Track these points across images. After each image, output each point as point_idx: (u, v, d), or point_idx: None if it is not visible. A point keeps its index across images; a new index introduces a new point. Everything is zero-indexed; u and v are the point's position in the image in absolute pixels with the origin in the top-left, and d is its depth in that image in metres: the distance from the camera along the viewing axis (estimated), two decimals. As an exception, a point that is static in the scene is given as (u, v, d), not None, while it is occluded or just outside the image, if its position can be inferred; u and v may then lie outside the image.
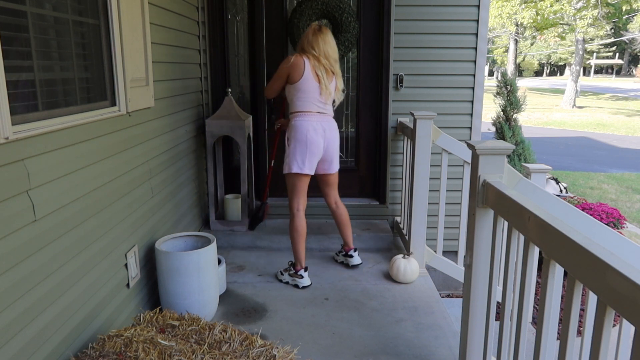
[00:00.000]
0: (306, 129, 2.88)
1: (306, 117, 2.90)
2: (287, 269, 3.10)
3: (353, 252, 3.27)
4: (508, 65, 26.66)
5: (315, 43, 2.87)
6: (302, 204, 3.00)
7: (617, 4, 18.53)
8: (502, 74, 6.10)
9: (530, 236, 1.49)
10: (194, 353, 1.69)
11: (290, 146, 2.93)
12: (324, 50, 2.88)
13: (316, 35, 2.88)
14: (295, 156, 2.90)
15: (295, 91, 2.89)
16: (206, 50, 3.71)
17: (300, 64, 2.85)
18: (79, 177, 1.86)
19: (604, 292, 1.08)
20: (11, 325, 1.45)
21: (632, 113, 19.60)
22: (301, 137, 2.88)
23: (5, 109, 1.40)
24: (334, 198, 3.20)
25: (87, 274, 1.92)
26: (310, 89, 2.87)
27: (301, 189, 2.97)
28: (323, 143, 2.93)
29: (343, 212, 3.21)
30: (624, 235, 2.19)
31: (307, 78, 2.86)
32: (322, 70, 2.87)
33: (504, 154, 1.81)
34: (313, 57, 2.87)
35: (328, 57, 2.90)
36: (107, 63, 2.12)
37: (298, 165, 2.90)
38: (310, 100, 2.89)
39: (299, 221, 2.99)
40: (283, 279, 3.08)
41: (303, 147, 2.88)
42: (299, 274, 3.02)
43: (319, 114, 2.93)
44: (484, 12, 3.66)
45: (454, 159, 3.21)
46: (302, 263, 3.03)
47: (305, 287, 3.00)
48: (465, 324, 1.97)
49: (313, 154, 2.90)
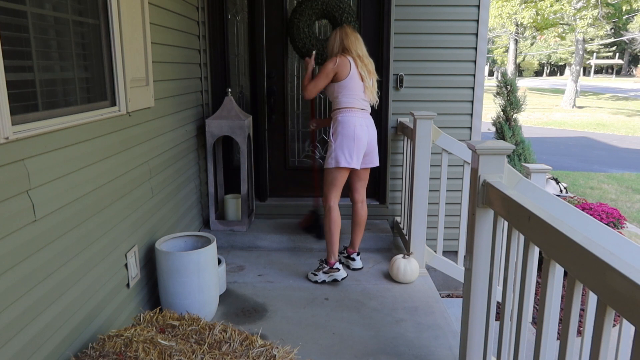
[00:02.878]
0: (353, 124, 2.94)
1: (352, 113, 2.97)
2: (320, 267, 3.10)
3: (356, 256, 3.28)
4: (508, 65, 26.66)
5: (358, 44, 3.00)
6: (337, 197, 3.06)
7: (617, 4, 18.53)
8: (502, 74, 6.09)
9: (530, 236, 1.49)
10: (194, 353, 1.69)
11: (336, 141, 2.97)
12: (360, 51, 3.01)
13: (357, 37, 3.02)
14: (343, 150, 2.94)
15: (342, 89, 2.97)
16: (206, 50, 3.71)
17: (346, 63, 2.95)
18: (79, 177, 1.86)
19: (604, 292, 1.08)
20: (11, 325, 1.45)
21: (632, 113, 19.60)
22: (348, 131, 2.93)
23: (5, 109, 1.40)
24: (362, 196, 3.23)
25: (87, 274, 1.92)
26: (356, 86, 2.97)
27: (340, 183, 3.04)
28: (367, 140, 3.01)
29: (364, 214, 3.24)
30: (624, 235, 2.19)
31: (353, 76, 2.96)
32: (365, 70, 2.98)
33: (504, 154, 1.81)
34: (357, 58, 2.97)
35: (367, 58, 3.04)
36: (107, 63, 2.12)
37: (346, 160, 2.95)
38: (356, 98, 2.99)
39: (335, 213, 3.04)
40: (319, 279, 3.07)
41: (350, 142, 2.94)
42: (335, 268, 3.04)
43: (362, 111, 3.02)
44: (484, 12, 3.66)
45: (454, 159, 3.21)
46: (336, 255, 3.07)
47: (344, 278, 3.05)
48: (465, 324, 1.97)
49: (359, 148, 2.97)
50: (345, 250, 3.35)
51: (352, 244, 3.30)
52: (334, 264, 3.04)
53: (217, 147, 3.70)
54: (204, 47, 3.69)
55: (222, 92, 3.73)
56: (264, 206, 4.02)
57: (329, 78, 2.98)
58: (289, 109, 3.98)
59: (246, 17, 3.85)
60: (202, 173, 3.74)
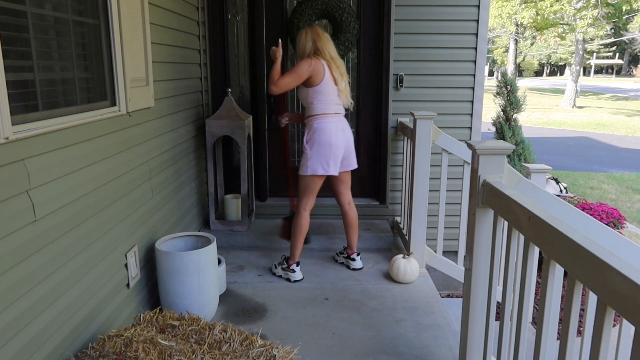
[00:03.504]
0: (329, 132, 2.91)
1: (328, 119, 2.93)
2: (281, 262, 3.19)
3: (356, 256, 3.28)
4: (508, 65, 26.66)
5: (330, 47, 2.95)
6: (310, 204, 3.06)
7: (617, 4, 18.53)
8: (502, 74, 6.10)
9: (530, 236, 1.49)
10: (194, 353, 1.69)
11: (312, 149, 2.93)
12: (333, 54, 2.95)
13: (327, 38, 2.95)
14: (320, 159, 2.92)
15: (316, 94, 2.92)
16: (206, 50, 3.71)
17: (320, 67, 2.89)
18: (79, 177, 1.86)
19: (604, 292, 1.08)
20: (11, 325, 1.45)
21: (632, 113, 19.60)
22: (324, 139, 2.90)
23: (5, 109, 1.40)
24: (348, 198, 3.21)
25: (87, 274, 1.92)
26: (330, 91, 2.93)
27: (314, 190, 3.03)
28: (344, 144, 2.99)
29: (354, 214, 3.23)
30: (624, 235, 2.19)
31: (327, 81, 2.91)
32: (338, 73, 2.95)
33: (504, 154, 1.81)
34: (330, 60, 2.92)
35: (339, 59, 2.99)
36: (107, 63, 2.12)
37: (323, 168, 2.94)
38: (330, 103, 2.95)
39: (303, 220, 3.06)
40: (277, 272, 3.18)
41: (327, 150, 2.91)
42: (291, 269, 3.11)
43: (337, 115, 2.99)
44: (484, 12, 3.66)
45: (454, 159, 3.21)
46: (296, 258, 3.12)
47: (297, 281, 3.10)
48: (465, 324, 1.97)
49: (336, 155, 2.95)
50: (344, 250, 3.35)
51: (350, 246, 3.30)
52: (292, 265, 3.11)
53: (217, 147, 3.70)
54: (204, 47, 3.69)
55: (222, 92, 3.73)
56: (264, 206, 4.02)
57: (301, 79, 2.90)
58: (289, 109, 3.98)
59: (246, 17, 3.85)
60: (202, 173, 3.74)
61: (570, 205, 2.11)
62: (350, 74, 3.92)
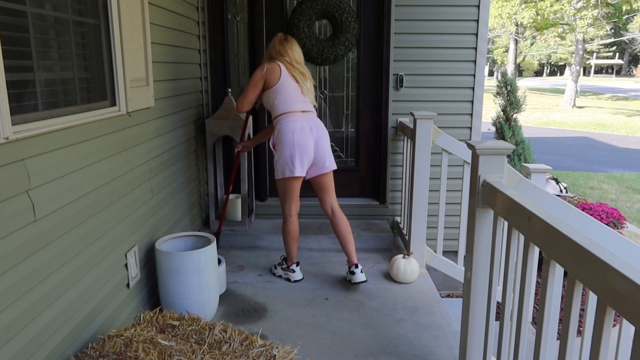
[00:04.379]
0: (292, 130, 2.79)
1: (291, 118, 2.82)
2: (280, 263, 3.19)
3: (355, 269, 2.97)
4: (508, 65, 26.66)
5: (284, 51, 2.87)
6: (294, 208, 2.98)
7: (617, 4, 18.53)
8: (502, 74, 6.10)
9: (530, 236, 1.49)
10: (194, 353, 1.69)
11: (277, 151, 2.85)
12: (293, 57, 2.88)
13: (283, 44, 2.89)
14: (286, 160, 2.82)
15: (276, 94, 2.83)
16: (206, 50, 3.71)
17: (275, 67, 2.83)
18: (79, 177, 1.86)
19: (604, 292, 1.08)
20: (11, 325, 1.45)
21: (632, 113, 19.60)
22: (287, 139, 2.79)
23: (5, 109, 1.40)
24: (329, 204, 3.02)
25: (87, 274, 1.92)
26: (291, 89, 2.83)
27: (293, 193, 2.94)
28: (312, 143, 2.84)
29: (341, 222, 3.00)
30: (624, 235, 2.19)
31: (285, 79, 2.83)
32: (298, 73, 2.87)
33: (504, 154, 1.81)
34: (286, 62, 2.86)
35: (299, 63, 2.91)
36: (107, 63, 2.12)
37: (290, 169, 2.83)
38: (293, 100, 2.84)
39: (291, 226, 2.99)
40: (277, 273, 3.18)
41: (291, 149, 2.80)
42: (291, 269, 3.11)
43: (304, 113, 2.85)
44: (484, 12, 3.66)
45: (454, 159, 3.21)
46: (294, 260, 3.11)
47: (297, 280, 3.09)
48: (465, 324, 1.97)
49: (302, 154, 2.81)
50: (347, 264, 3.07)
51: (349, 257, 3.01)
52: (291, 265, 3.11)
53: (217, 147, 3.70)
54: (204, 47, 3.69)
55: (222, 92, 3.73)
56: (264, 206, 4.02)
57: (258, 86, 2.85)
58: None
59: (246, 17, 3.85)
60: (202, 173, 3.74)
61: (570, 205, 2.11)
62: (350, 74, 3.94)
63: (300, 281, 3.11)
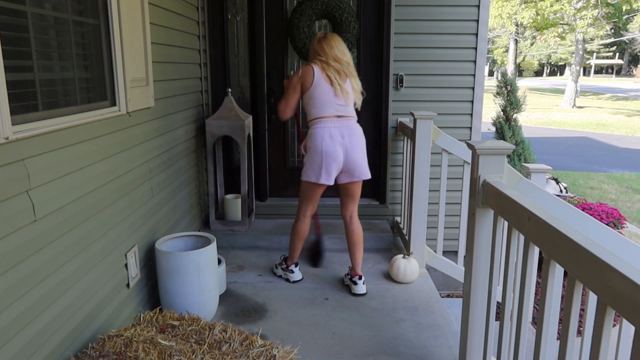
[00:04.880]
0: (321, 137, 2.74)
1: (322, 124, 2.76)
2: (280, 263, 3.19)
3: (358, 280, 2.93)
4: (508, 65, 26.66)
5: (321, 50, 2.80)
6: (310, 210, 2.97)
7: (617, 4, 18.54)
8: (502, 74, 6.10)
9: (530, 236, 1.49)
10: (194, 353, 1.69)
11: (307, 154, 2.85)
12: (331, 54, 2.78)
13: (320, 43, 2.82)
14: (313, 165, 2.78)
15: (309, 99, 2.78)
16: (206, 50, 3.71)
17: (309, 71, 2.77)
18: (79, 177, 1.86)
19: (604, 292, 1.08)
20: (11, 325, 1.45)
21: (632, 113, 19.60)
22: (316, 146, 2.75)
23: (5, 109, 1.40)
24: (350, 211, 2.97)
25: (87, 274, 1.92)
26: (324, 92, 2.76)
27: (313, 197, 2.91)
28: (342, 151, 2.76)
29: (357, 230, 2.97)
30: (624, 235, 2.19)
31: (318, 82, 2.75)
32: (333, 71, 2.76)
33: (504, 154, 1.81)
34: (320, 62, 2.78)
35: (338, 60, 2.79)
36: (107, 63, 2.12)
37: (315, 176, 2.79)
38: (326, 105, 2.76)
39: (302, 226, 3.00)
40: (277, 272, 3.19)
41: (318, 157, 2.75)
42: (290, 269, 3.11)
43: (338, 118, 2.77)
44: (484, 12, 3.66)
45: (454, 159, 3.21)
46: (295, 259, 3.11)
47: (296, 281, 3.10)
48: (465, 324, 1.97)
49: (329, 163, 2.75)
50: (349, 271, 3.05)
51: (354, 266, 2.98)
52: (290, 265, 3.11)
53: (217, 147, 3.70)
54: (204, 47, 3.69)
55: (222, 92, 3.72)
56: (264, 206, 4.02)
57: (297, 90, 2.79)
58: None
59: (246, 17, 3.85)
60: (202, 173, 3.74)
61: (570, 205, 2.11)
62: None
63: (299, 281, 3.11)
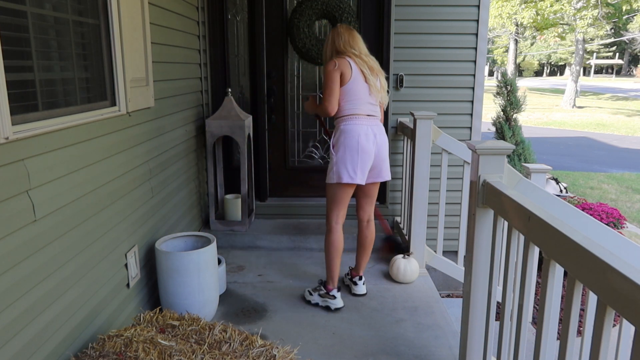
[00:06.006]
0: (357, 134, 2.60)
1: (357, 121, 2.63)
2: (317, 288, 2.82)
3: (358, 280, 2.93)
4: (508, 65, 26.66)
5: (354, 42, 2.67)
6: (342, 217, 2.75)
7: (617, 4, 18.53)
8: (502, 74, 6.10)
9: (530, 236, 1.49)
10: (194, 353, 1.69)
11: (338, 153, 2.64)
12: (360, 49, 2.68)
13: (352, 34, 2.69)
14: (346, 164, 2.61)
15: (344, 94, 2.62)
16: (206, 50, 3.71)
17: (345, 64, 2.61)
18: (79, 177, 1.86)
19: (604, 292, 1.08)
20: (11, 325, 1.45)
21: (632, 113, 19.60)
22: (352, 142, 2.60)
23: (5, 109, 1.40)
24: (368, 213, 2.89)
25: (87, 273, 1.92)
26: (359, 88, 2.63)
27: (344, 200, 2.72)
28: (374, 151, 2.67)
29: (370, 234, 2.91)
30: (624, 235, 2.18)
31: (355, 78, 2.62)
32: (367, 68, 2.65)
33: (504, 154, 1.81)
34: (355, 56, 2.65)
35: (368, 56, 2.70)
36: (107, 63, 2.12)
37: (349, 175, 2.62)
38: (361, 102, 2.64)
39: (336, 236, 2.72)
40: (312, 300, 2.80)
41: (354, 154, 2.60)
42: (332, 294, 2.74)
43: (369, 117, 2.67)
44: (484, 12, 3.66)
45: (454, 159, 3.21)
46: (335, 282, 2.76)
47: (338, 309, 2.73)
48: (465, 324, 1.97)
49: (364, 161, 2.63)
50: (350, 271, 3.05)
51: (357, 267, 2.97)
52: (332, 290, 2.74)
53: (217, 147, 3.70)
54: (204, 47, 3.69)
55: (222, 92, 3.72)
56: (264, 206, 4.02)
57: (337, 81, 2.61)
58: (289, 109, 3.98)
59: (246, 17, 3.85)
60: (202, 173, 3.74)
61: (570, 205, 2.11)
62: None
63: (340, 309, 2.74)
